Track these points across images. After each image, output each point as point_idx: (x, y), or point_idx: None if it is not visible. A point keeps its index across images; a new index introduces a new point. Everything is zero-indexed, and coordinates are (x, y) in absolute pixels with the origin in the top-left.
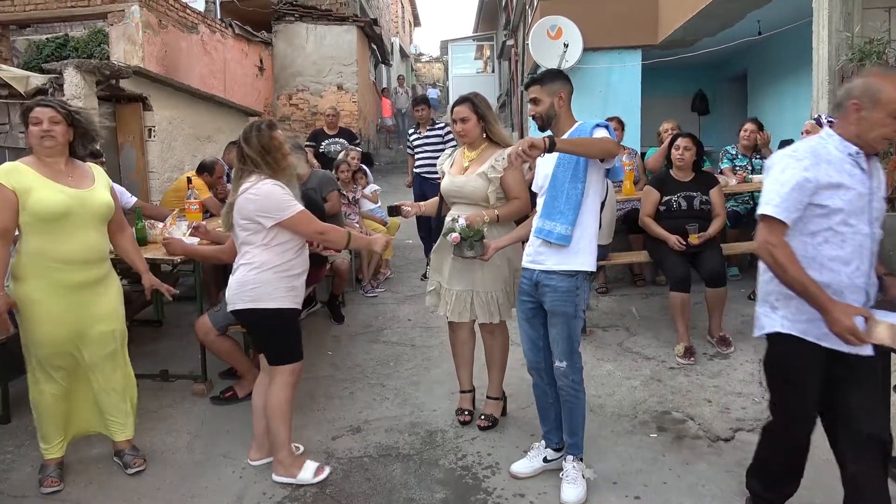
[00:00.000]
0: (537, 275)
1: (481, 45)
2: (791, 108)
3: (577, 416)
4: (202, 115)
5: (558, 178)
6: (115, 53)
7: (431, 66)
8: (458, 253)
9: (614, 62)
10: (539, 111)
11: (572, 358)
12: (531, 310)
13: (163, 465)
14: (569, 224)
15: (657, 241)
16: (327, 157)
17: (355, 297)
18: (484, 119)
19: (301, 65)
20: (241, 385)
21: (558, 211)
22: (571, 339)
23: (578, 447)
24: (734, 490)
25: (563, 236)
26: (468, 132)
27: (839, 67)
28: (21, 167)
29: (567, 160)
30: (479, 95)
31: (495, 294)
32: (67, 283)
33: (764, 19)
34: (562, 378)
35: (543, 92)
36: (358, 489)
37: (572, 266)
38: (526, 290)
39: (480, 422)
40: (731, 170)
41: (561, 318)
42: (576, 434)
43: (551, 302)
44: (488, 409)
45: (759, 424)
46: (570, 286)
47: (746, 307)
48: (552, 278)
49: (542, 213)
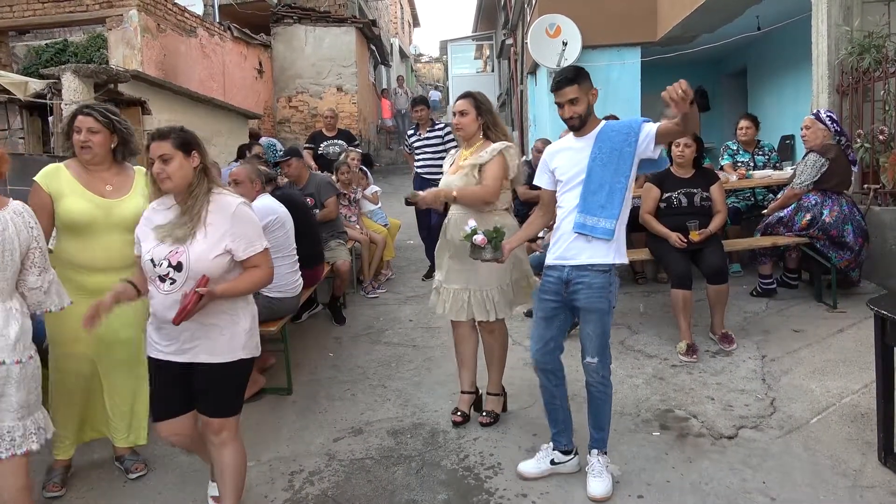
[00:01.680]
0: (568, 272)
1: (481, 45)
2: (791, 104)
3: (605, 411)
4: (201, 118)
5: (596, 171)
6: (113, 58)
7: (431, 66)
8: (476, 255)
9: (613, 60)
10: (579, 112)
11: (604, 354)
12: (553, 309)
13: (164, 470)
14: (613, 218)
15: (658, 238)
16: (326, 159)
17: (356, 299)
18: (484, 117)
19: (300, 67)
20: None
21: (599, 205)
22: (605, 334)
23: (604, 441)
24: (738, 488)
25: (608, 230)
26: (465, 126)
27: (839, 61)
28: (62, 171)
29: (608, 154)
30: (483, 95)
31: (491, 292)
32: (89, 288)
33: (763, 14)
34: (592, 374)
35: (581, 91)
36: (359, 491)
37: (607, 259)
38: (552, 289)
39: (482, 419)
40: (731, 166)
41: (595, 314)
42: (602, 429)
43: (586, 299)
44: (489, 406)
45: (762, 422)
46: (604, 282)
47: (749, 304)
48: (586, 274)
49: (582, 207)
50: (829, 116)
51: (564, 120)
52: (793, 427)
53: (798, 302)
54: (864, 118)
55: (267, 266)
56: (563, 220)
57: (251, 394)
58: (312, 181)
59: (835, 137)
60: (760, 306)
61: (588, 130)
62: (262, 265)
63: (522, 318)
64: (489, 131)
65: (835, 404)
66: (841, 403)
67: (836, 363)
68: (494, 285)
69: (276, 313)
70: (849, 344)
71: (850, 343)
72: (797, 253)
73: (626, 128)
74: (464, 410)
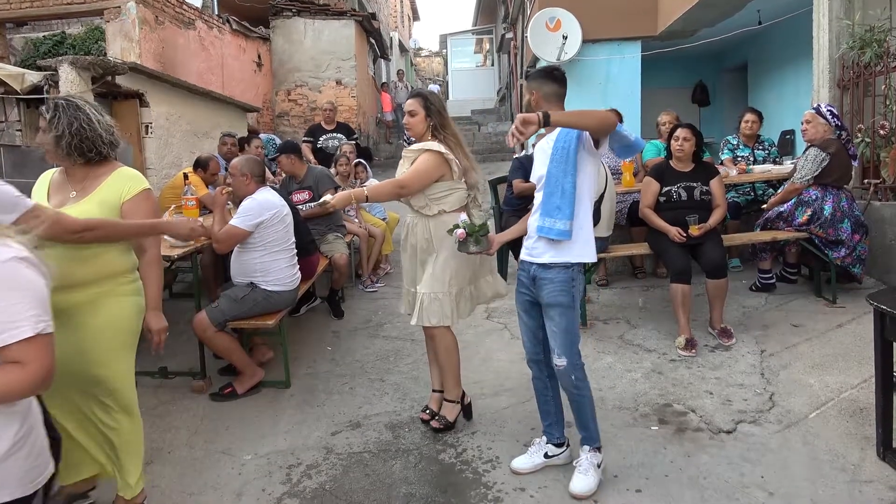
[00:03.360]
0: (534, 269)
1: (480, 39)
2: (792, 98)
3: (585, 411)
4: (200, 111)
5: (553, 174)
6: (111, 50)
7: (431, 60)
8: (463, 249)
9: (613, 54)
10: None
11: (571, 352)
12: (528, 301)
13: (161, 462)
14: (567, 219)
15: (657, 232)
16: (325, 153)
17: (355, 293)
18: (434, 118)
19: (299, 60)
20: (239, 381)
21: (555, 207)
22: (569, 331)
23: (593, 438)
24: (736, 482)
25: (563, 231)
26: (413, 126)
27: (840, 56)
28: (45, 176)
29: (560, 155)
30: (434, 94)
31: (422, 295)
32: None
33: (764, 9)
34: (563, 378)
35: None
36: (357, 485)
37: (568, 258)
38: (524, 283)
39: (434, 422)
40: (731, 160)
41: (557, 308)
42: (587, 427)
43: (548, 294)
44: (443, 411)
45: (760, 416)
46: (566, 277)
47: (748, 299)
48: (549, 271)
49: (542, 210)
50: (829, 111)
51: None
52: (791, 422)
53: (797, 297)
54: (865, 113)
55: (38, 365)
56: (532, 219)
57: (249, 387)
58: (311, 174)
59: (835, 132)
60: (759, 301)
61: (553, 128)
62: (29, 362)
63: None
64: (437, 132)
65: (833, 399)
66: (840, 398)
67: (834, 358)
68: (426, 290)
69: (273, 307)
70: (848, 339)
71: (849, 338)
72: (797, 248)
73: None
74: (433, 409)
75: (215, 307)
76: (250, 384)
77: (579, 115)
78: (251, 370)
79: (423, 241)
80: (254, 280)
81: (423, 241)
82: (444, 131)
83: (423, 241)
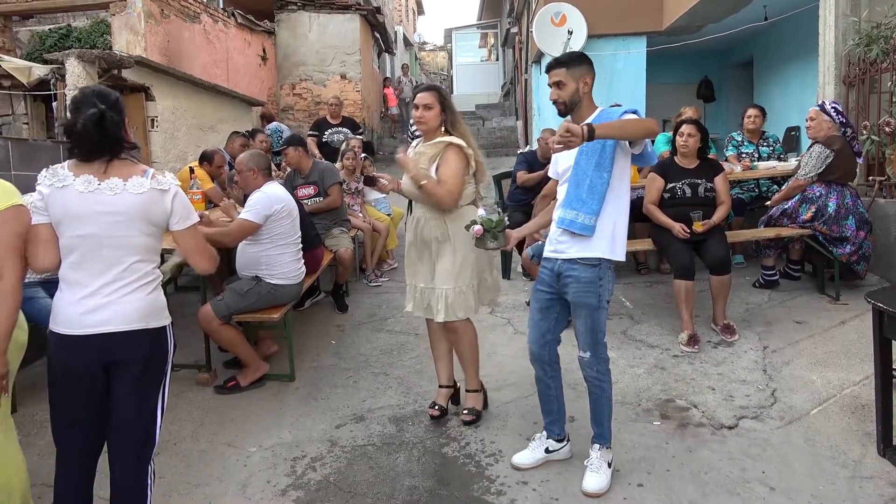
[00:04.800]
0: (559, 265)
1: (485, 34)
2: (798, 95)
3: (603, 406)
4: (205, 105)
5: (581, 165)
6: (117, 44)
7: (435, 54)
8: (480, 245)
9: (619, 49)
10: (562, 96)
11: (596, 349)
12: (547, 300)
13: (167, 454)
14: (592, 214)
15: (661, 228)
16: (331, 147)
17: (359, 287)
18: (447, 113)
19: (304, 54)
20: (243, 374)
21: (580, 200)
22: (595, 330)
23: (605, 437)
24: (737, 477)
25: (586, 226)
26: (427, 120)
27: (846, 52)
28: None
29: (592, 147)
30: (446, 90)
31: (447, 292)
32: None
33: (770, 4)
34: (585, 369)
35: (569, 76)
36: (361, 477)
37: (595, 253)
38: (546, 281)
39: (463, 416)
40: (735, 157)
41: (584, 309)
42: (602, 424)
43: (574, 293)
44: (469, 402)
45: (762, 412)
46: (593, 276)
47: (751, 295)
48: (574, 268)
49: (565, 201)
50: (833, 108)
51: (553, 103)
52: (793, 418)
53: (801, 294)
54: (871, 110)
55: None
56: (556, 213)
57: (254, 380)
58: (316, 169)
59: (840, 129)
60: (763, 298)
61: (582, 119)
62: None
63: (525, 307)
64: (450, 128)
65: (835, 395)
66: (841, 395)
67: (837, 355)
68: (451, 286)
69: (278, 300)
70: (851, 336)
71: (852, 335)
72: (801, 245)
73: (610, 119)
74: (441, 404)
75: (220, 300)
76: (254, 377)
77: (622, 127)
78: (255, 363)
79: (438, 235)
80: (259, 273)
81: (439, 236)
82: (454, 128)
83: (438, 235)
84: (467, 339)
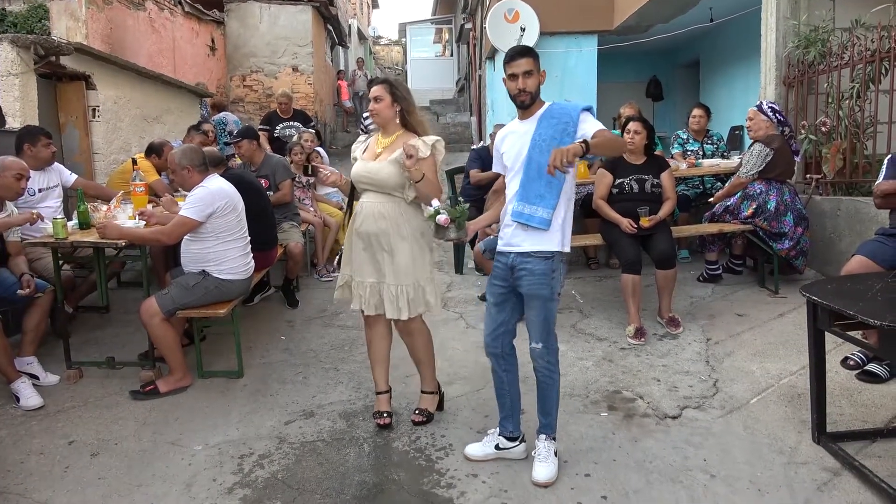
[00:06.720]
0: (513, 258)
1: (440, 29)
2: (742, 95)
3: (551, 396)
4: (150, 95)
5: (534, 160)
6: (56, 30)
7: (390, 49)
8: (440, 235)
9: (571, 47)
10: (530, 86)
11: (548, 339)
12: (501, 294)
13: (108, 454)
14: (550, 208)
15: (610, 223)
16: (282, 142)
17: (310, 282)
18: (400, 103)
19: (255, 45)
20: (165, 381)
21: (538, 195)
22: (547, 321)
23: (551, 427)
24: (680, 465)
25: (544, 220)
26: (380, 111)
27: (786, 54)
28: None
29: (547, 142)
30: (399, 81)
31: (405, 287)
32: None
33: (716, 6)
34: (537, 359)
35: (535, 66)
36: (310, 473)
37: (549, 247)
38: (500, 275)
39: (414, 416)
40: (681, 154)
41: (537, 300)
42: (549, 414)
43: (528, 285)
44: (423, 404)
45: (705, 402)
46: (546, 268)
47: (695, 289)
48: (528, 261)
49: (520, 195)
50: (770, 108)
51: (514, 95)
52: (734, 407)
53: (742, 287)
54: (809, 110)
55: None
56: (507, 206)
57: (175, 388)
58: (267, 163)
59: (778, 128)
60: (706, 291)
61: (531, 113)
62: None
63: (477, 302)
64: (404, 118)
65: (773, 385)
66: (779, 384)
67: (775, 346)
68: (409, 281)
69: (225, 295)
70: (788, 328)
71: (790, 327)
72: (742, 240)
73: (566, 116)
74: (387, 411)
75: (165, 294)
76: (175, 386)
77: (609, 145)
78: (182, 373)
79: (393, 227)
80: (206, 268)
81: (394, 228)
82: (411, 117)
83: (394, 227)
84: (424, 339)
